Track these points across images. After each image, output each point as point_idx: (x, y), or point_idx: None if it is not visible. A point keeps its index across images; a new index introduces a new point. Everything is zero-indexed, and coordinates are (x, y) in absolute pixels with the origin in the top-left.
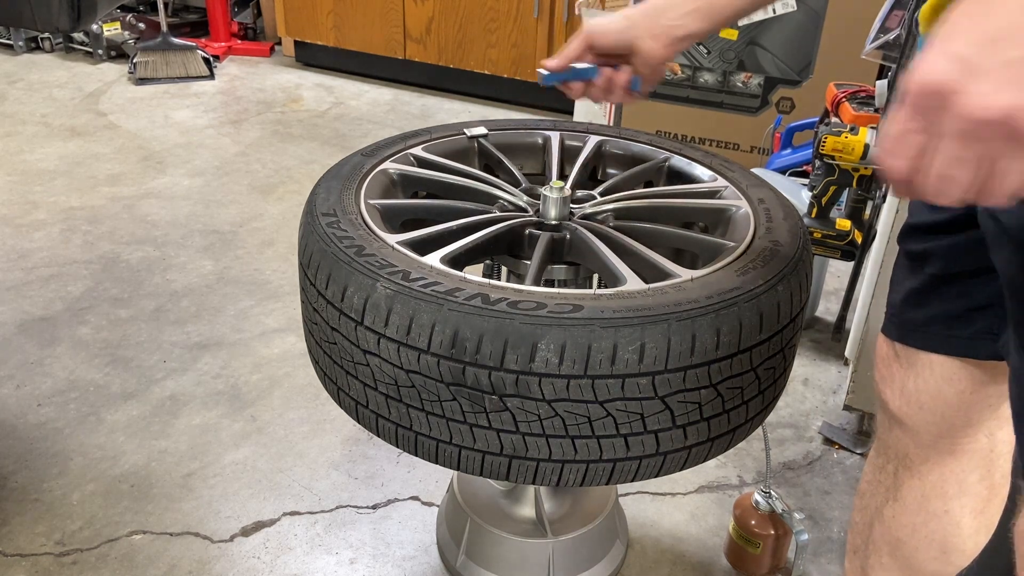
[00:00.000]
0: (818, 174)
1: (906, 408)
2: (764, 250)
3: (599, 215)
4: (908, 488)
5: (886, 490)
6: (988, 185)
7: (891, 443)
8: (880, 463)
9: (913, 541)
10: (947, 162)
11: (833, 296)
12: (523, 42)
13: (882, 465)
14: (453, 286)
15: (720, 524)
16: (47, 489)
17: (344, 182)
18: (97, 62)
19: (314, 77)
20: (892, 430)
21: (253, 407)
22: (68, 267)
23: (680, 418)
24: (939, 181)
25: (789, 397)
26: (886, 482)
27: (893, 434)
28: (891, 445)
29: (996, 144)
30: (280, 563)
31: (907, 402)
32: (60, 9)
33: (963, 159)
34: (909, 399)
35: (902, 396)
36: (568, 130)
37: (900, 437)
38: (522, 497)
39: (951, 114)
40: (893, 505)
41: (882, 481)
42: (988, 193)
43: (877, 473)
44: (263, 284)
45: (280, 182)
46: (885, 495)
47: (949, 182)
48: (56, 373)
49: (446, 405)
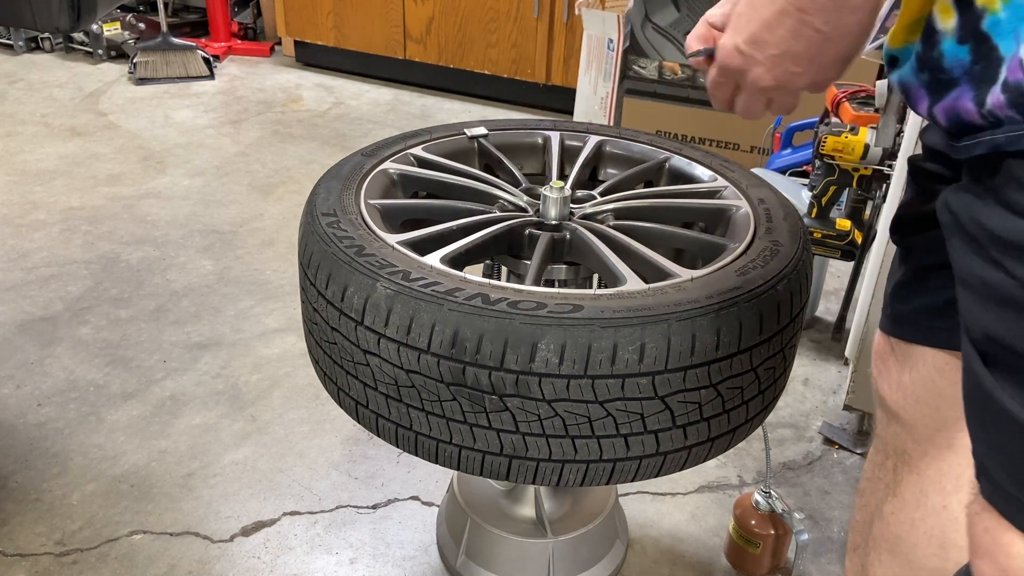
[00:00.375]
0: (818, 174)
1: (902, 402)
2: (764, 250)
3: (599, 215)
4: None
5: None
6: (772, 107)
7: (889, 439)
8: (879, 460)
9: (912, 537)
10: (748, 101)
11: (833, 296)
12: (523, 42)
13: (881, 462)
14: (453, 286)
15: (720, 524)
16: (47, 489)
17: (344, 182)
18: (97, 62)
19: (314, 77)
20: (890, 426)
21: (253, 407)
22: (68, 267)
23: (680, 418)
24: (744, 110)
25: (789, 397)
26: (885, 479)
27: (891, 430)
28: (889, 441)
29: (771, 93)
30: (280, 563)
31: (903, 396)
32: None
33: (756, 99)
34: (905, 393)
35: (898, 390)
36: (568, 130)
37: (898, 433)
38: (522, 497)
39: (745, 81)
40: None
41: (881, 478)
42: (775, 112)
43: (876, 470)
44: (263, 284)
45: (280, 182)
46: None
47: (750, 111)
48: (56, 373)
49: (446, 405)
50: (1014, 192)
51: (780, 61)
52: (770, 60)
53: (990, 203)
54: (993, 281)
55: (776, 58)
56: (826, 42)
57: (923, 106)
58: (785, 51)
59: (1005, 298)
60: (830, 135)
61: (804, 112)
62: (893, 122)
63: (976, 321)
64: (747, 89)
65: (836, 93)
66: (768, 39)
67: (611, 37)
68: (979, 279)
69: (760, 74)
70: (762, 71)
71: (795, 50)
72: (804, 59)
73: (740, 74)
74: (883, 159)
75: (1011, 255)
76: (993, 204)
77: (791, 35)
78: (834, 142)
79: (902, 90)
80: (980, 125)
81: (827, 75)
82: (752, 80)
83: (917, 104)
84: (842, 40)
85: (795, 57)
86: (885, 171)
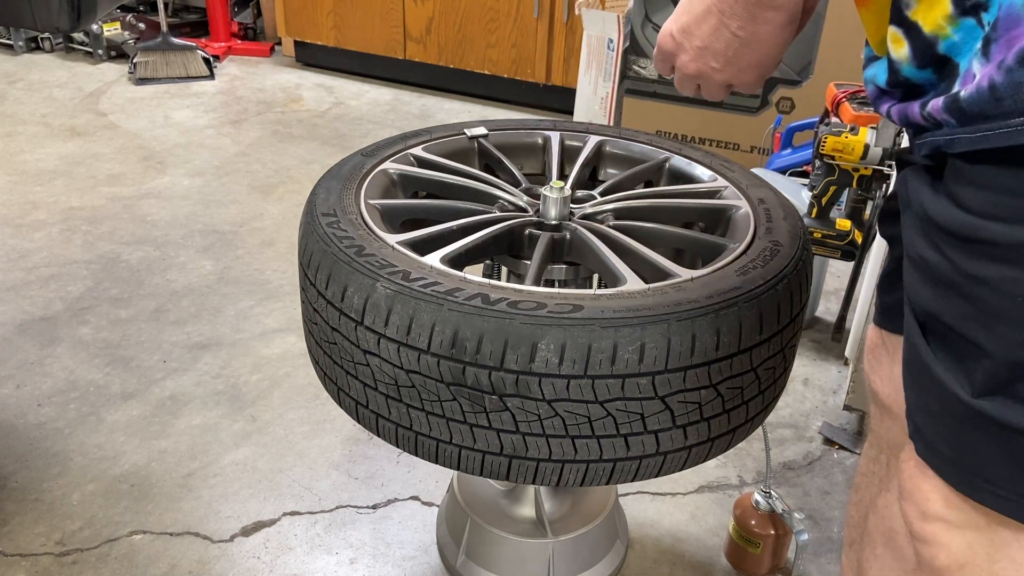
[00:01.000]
0: (818, 174)
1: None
2: (764, 250)
3: (599, 215)
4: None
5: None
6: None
7: (883, 433)
8: (873, 454)
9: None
10: (679, 81)
11: (833, 296)
12: (523, 42)
13: (875, 456)
14: (453, 286)
15: (720, 524)
16: (47, 489)
17: (344, 182)
18: (97, 62)
19: (314, 77)
20: (883, 420)
21: (253, 407)
22: (68, 267)
23: (680, 418)
24: (679, 87)
25: (789, 397)
26: (879, 473)
27: (884, 423)
28: (882, 435)
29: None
30: (280, 563)
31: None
32: (60, 9)
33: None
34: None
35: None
36: (568, 130)
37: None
38: (522, 497)
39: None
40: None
41: (875, 472)
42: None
43: (870, 464)
44: (263, 284)
45: (280, 182)
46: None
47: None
48: (56, 373)
49: (446, 405)
50: (956, 186)
51: (702, 54)
52: (694, 50)
53: (938, 191)
54: (933, 261)
55: (699, 50)
56: (742, 46)
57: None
58: (707, 46)
59: (941, 278)
60: (830, 135)
61: (804, 112)
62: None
63: (917, 295)
64: (677, 71)
65: (836, 93)
66: (695, 32)
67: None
68: (921, 257)
69: (685, 61)
70: (687, 59)
71: (715, 47)
72: (722, 57)
73: (671, 56)
74: (883, 159)
75: (949, 243)
76: (941, 193)
77: (712, 32)
78: (834, 142)
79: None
80: (924, 126)
81: (744, 77)
82: (679, 65)
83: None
84: (756, 47)
85: (715, 53)
86: (885, 171)
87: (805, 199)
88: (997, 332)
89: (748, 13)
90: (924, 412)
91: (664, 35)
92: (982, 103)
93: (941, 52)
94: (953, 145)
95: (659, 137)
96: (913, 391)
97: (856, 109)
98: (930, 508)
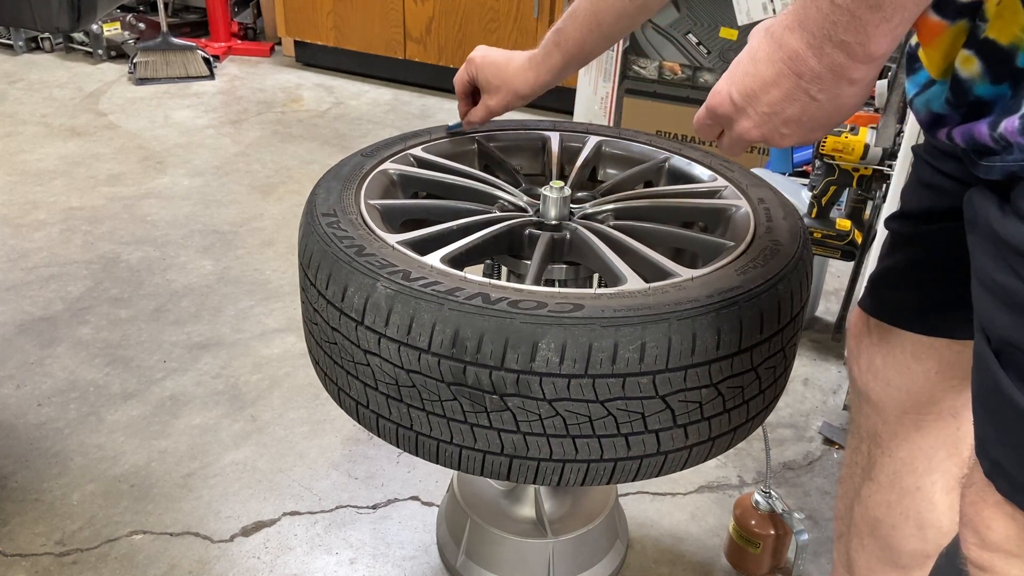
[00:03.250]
0: (818, 174)
1: (873, 383)
2: (764, 249)
3: (599, 215)
4: (880, 466)
5: (862, 470)
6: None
7: (862, 422)
8: (855, 444)
9: (890, 519)
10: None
11: (833, 296)
12: (523, 42)
13: (856, 446)
14: (453, 286)
15: (720, 524)
16: (47, 489)
17: (344, 182)
18: (97, 62)
19: (314, 77)
20: (862, 408)
21: (253, 407)
22: (68, 267)
23: (681, 417)
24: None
25: (789, 397)
26: (861, 462)
27: (863, 412)
28: (862, 424)
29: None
30: (280, 563)
31: (874, 377)
32: (60, 9)
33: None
34: (876, 374)
35: (869, 371)
36: (568, 130)
37: (869, 415)
38: (522, 497)
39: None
40: (868, 484)
41: (858, 462)
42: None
43: (853, 454)
44: (263, 284)
45: (280, 182)
46: (862, 476)
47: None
48: (56, 373)
49: (447, 405)
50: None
51: (770, 120)
52: (760, 117)
53: (1008, 212)
54: (1007, 285)
55: (767, 116)
56: (820, 109)
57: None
58: (777, 112)
59: (1018, 303)
60: (830, 135)
61: None
62: (893, 122)
63: (991, 321)
64: (733, 136)
65: None
66: (762, 97)
67: None
68: (994, 281)
69: (748, 128)
70: (750, 125)
71: (787, 113)
72: (794, 122)
73: (728, 121)
74: (883, 159)
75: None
76: (1010, 213)
77: (786, 98)
78: (834, 142)
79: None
80: (992, 148)
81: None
82: (739, 131)
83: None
84: (836, 110)
85: (786, 120)
86: (885, 171)
87: (805, 199)
88: None
89: (833, 75)
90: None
91: (721, 97)
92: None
93: (1019, 65)
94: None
95: (659, 137)
96: (992, 424)
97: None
98: (991, 537)
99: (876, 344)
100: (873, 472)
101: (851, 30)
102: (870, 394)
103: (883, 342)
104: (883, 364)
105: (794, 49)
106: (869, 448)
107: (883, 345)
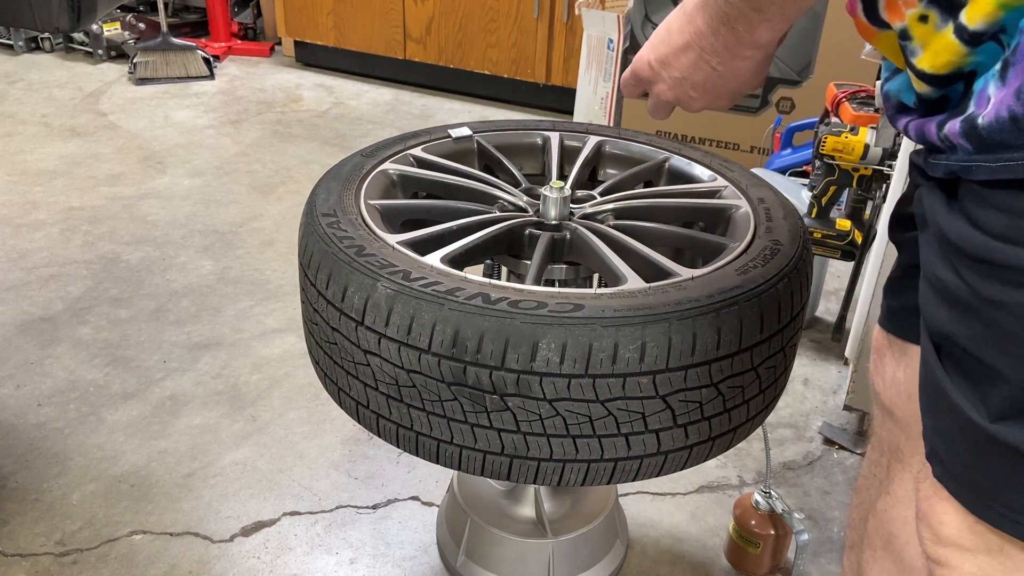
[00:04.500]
0: (818, 174)
1: (895, 398)
2: (764, 249)
3: (599, 215)
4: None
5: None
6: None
7: (884, 436)
8: (875, 457)
9: (904, 535)
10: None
11: (833, 296)
12: (523, 42)
13: (876, 459)
14: (454, 286)
15: (720, 524)
16: (47, 489)
17: (344, 182)
18: (97, 62)
19: (314, 77)
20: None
21: (253, 407)
22: (68, 267)
23: (681, 417)
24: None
25: (789, 397)
26: (880, 476)
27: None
28: (884, 438)
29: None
30: (280, 563)
31: (896, 392)
32: (60, 9)
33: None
34: (898, 388)
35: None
36: (567, 130)
37: (892, 429)
38: (522, 497)
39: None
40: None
41: (876, 475)
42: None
43: (872, 467)
44: (263, 284)
45: (280, 182)
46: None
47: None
48: (56, 373)
49: (447, 405)
50: (974, 206)
51: (680, 83)
52: (672, 80)
53: (954, 210)
54: (949, 282)
55: (677, 80)
56: (720, 78)
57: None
58: (685, 77)
59: (958, 300)
60: (830, 135)
61: (804, 112)
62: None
63: (932, 316)
64: (652, 97)
65: (836, 93)
66: (674, 63)
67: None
68: (937, 277)
69: (663, 90)
70: (664, 88)
71: (694, 79)
72: (700, 87)
73: (647, 84)
74: (883, 159)
75: (966, 264)
76: (957, 212)
77: (692, 66)
78: (834, 142)
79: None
80: (940, 148)
81: (719, 103)
82: (656, 92)
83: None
84: (733, 79)
85: (693, 84)
86: (885, 171)
87: (805, 199)
88: (1014, 356)
89: (728, 52)
90: (940, 435)
91: (640, 63)
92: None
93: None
94: (971, 172)
95: (659, 137)
96: (930, 414)
97: (856, 109)
98: (944, 531)
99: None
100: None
101: (740, 21)
102: (894, 410)
103: (902, 356)
104: (904, 378)
105: (698, 26)
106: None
107: (903, 358)
